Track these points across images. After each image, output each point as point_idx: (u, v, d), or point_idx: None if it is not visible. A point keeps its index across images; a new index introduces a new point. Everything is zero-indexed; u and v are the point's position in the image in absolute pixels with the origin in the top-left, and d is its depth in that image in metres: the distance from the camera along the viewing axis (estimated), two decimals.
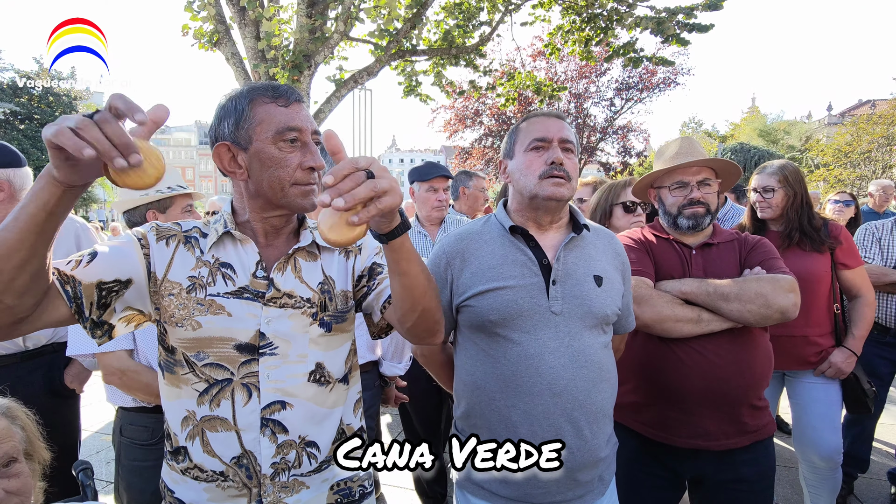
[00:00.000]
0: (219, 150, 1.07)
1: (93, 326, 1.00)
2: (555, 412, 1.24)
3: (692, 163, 1.74)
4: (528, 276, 1.30)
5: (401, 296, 1.01)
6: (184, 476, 1.10)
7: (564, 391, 1.25)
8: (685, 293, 1.62)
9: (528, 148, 1.35)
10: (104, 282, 0.99)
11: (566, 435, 1.25)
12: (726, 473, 1.64)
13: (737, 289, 1.56)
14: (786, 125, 32.91)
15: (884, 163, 20.71)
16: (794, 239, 2.29)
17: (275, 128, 1.03)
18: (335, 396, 1.16)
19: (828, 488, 2.32)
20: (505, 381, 1.27)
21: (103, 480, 3.21)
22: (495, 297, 1.28)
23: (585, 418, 1.27)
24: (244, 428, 1.06)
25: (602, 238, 1.44)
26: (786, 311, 1.54)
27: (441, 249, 1.39)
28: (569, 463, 1.24)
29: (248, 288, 1.09)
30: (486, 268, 1.32)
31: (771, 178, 2.37)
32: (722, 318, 1.58)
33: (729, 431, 1.61)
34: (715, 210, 1.76)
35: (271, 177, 1.05)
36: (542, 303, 1.28)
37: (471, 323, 1.33)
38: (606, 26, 8.12)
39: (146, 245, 1.08)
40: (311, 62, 6.88)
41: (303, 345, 1.11)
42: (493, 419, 1.30)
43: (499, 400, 1.28)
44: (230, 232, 1.11)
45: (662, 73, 23.87)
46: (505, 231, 1.37)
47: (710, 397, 1.59)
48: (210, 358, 1.06)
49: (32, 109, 26.98)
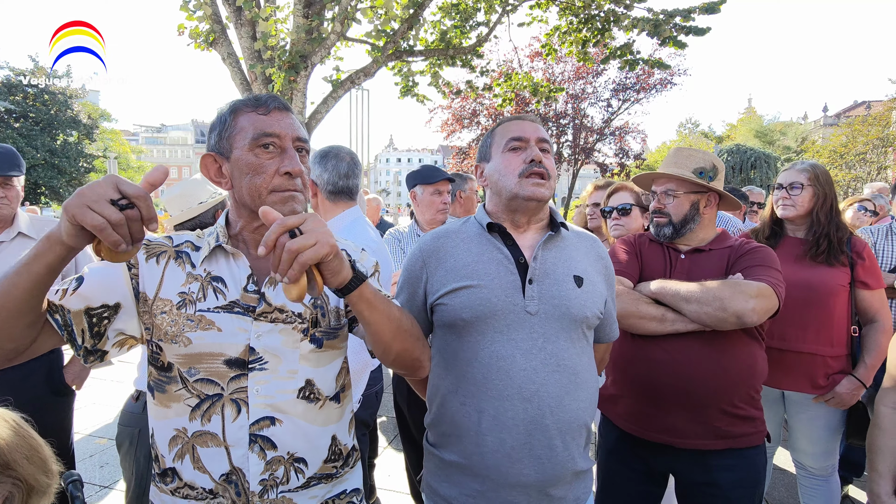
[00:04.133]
0: (205, 161, 1.11)
1: (86, 353, 1.02)
2: (524, 418, 1.19)
3: (654, 174, 1.84)
4: (504, 274, 1.26)
5: (371, 340, 1.07)
6: (173, 497, 1.09)
7: (535, 396, 1.19)
8: (653, 292, 1.69)
9: (505, 149, 1.34)
10: (92, 308, 1.00)
11: (536, 445, 1.20)
12: (699, 475, 1.66)
13: (699, 291, 1.59)
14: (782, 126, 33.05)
15: (879, 164, 20.82)
16: (821, 247, 2.11)
17: (252, 134, 1.05)
18: (326, 414, 1.14)
19: (822, 496, 2.25)
20: (475, 383, 1.23)
21: (96, 485, 3.19)
22: (468, 294, 1.24)
23: (556, 426, 1.21)
24: (233, 444, 1.05)
25: (584, 241, 1.41)
26: (742, 316, 1.51)
27: (418, 248, 1.38)
28: (539, 475, 1.21)
29: (238, 302, 1.08)
30: (460, 265, 1.29)
31: (800, 174, 2.20)
32: (687, 320, 1.61)
33: (698, 431, 1.63)
34: (682, 220, 1.77)
35: (250, 184, 1.05)
36: (518, 302, 1.24)
37: (443, 322, 1.30)
38: (603, 28, 8.13)
39: (135, 265, 1.07)
40: (308, 62, 6.85)
41: (293, 360, 1.09)
42: (461, 425, 1.25)
43: (468, 405, 1.24)
44: (222, 246, 1.10)
45: (659, 74, 23.89)
46: (483, 230, 1.34)
47: (676, 395, 1.63)
48: (201, 373, 1.05)
49: (27, 108, 26.82)
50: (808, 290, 2.10)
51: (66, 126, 28.51)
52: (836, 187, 15.58)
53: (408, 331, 1.10)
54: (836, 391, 2.09)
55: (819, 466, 2.22)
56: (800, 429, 2.24)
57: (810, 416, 2.19)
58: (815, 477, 2.25)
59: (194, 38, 7.10)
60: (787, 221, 2.30)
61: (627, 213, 2.41)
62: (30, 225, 2.31)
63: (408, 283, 1.37)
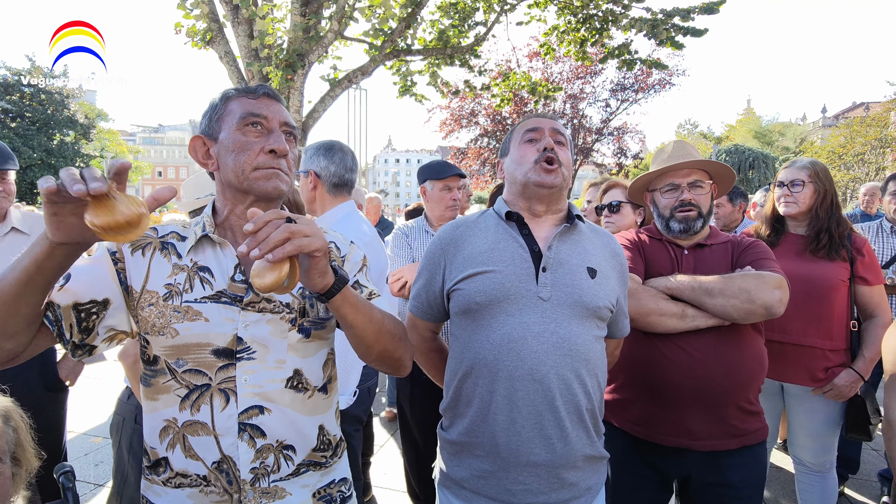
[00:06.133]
0: (194, 143, 1.13)
1: (74, 347, 1.02)
2: (536, 399, 1.21)
3: (682, 164, 1.73)
4: (518, 261, 1.29)
5: (353, 342, 1.08)
6: (165, 487, 1.08)
7: (545, 378, 1.21)
8: (670, 288, 1.63)
9: (521, 141, 1.40)
10: (80, 303, 1.00)
11: (547, 425, 1.22)
12: (712, 476, 1.63)
13: (721, 284, 1.55)
14: (781, 127, 33.15)
15: (877, 165, 20.88)
16: (821, 241, 2.13)
17: (240, 114, 1.07)
18: (313, 404, 1.14)
19: (820, 492, 2.25)
20: (487, 364, 1.25)
21: (91, 483, 3.17)
22: (483, 279, 1.27)
23: (567, 409, 1.23)
24: (222, 433, 1.05)
25: (601, 236, 1.43)
26: (770, 307, 1.51)
27: (438, 237, 1.42)
28: (550, 456, 1.22)
29: (225, 292, 1.07)
30: (476, 252, 1.33)
31: (801, 171, 2.22)
32: (707, 315, 1.57)
33: (715, 432, 1.60)
34: (708, 213, 1.74)
35: (235, 161, 1.06)
36: (531, 287, 1.26)
37: (459, 308, 1.32)
38: (601, 27, 8.14)
39: (120, 259, 1.07)
40: (305, 61, 6.85)
41: (281, 350, 1.09)
42: (473, 405, 1.27)
43: (481, 385, 1.26)
44: (208, 235, 1.10)
45: (658, 75, 23.96)
46: (500, 219, 1.39)
47: (694, 395, 1.58)
48: (189, 364, 1.05)
49: (24, 107, 26.76)
50: (808, 284, 2.10)
51: (62, 126, 28.44)
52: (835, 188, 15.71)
53: (390, 332, 1.11)
54: (835, 383, 2.10)
55: (817, 462, 2.22)
56: (798, 422, 2.25)
57: (809, 409, 2.20)
58: (814, 473, 2.25)
59: (191, 37, 7.09)
60: (788, 218, 2.31)
61: (617, 210, 2.41)
62: (22, 220, 2.30)
63: (427, 269, 1.42)
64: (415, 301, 1.45)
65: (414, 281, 1.46)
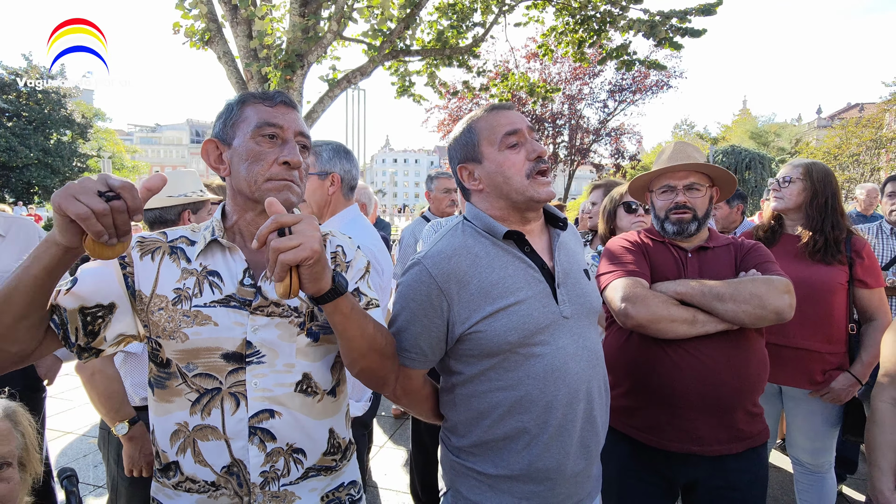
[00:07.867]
0: (206, 146, 1.12)
1: (80, 350, 1.02)
2: (580, 416, 1.23)
3: (677, 166, 1.72)
4: (534, 284, 1.20)
5: (341, 350, 1.09)
6: (176, 490, 1.09)
7: (587, 395, 1.23)
8: (680, 293, 1.60)
9: (501, 146, 1.22)
10: (86, 307, 1.00)
11: (587, 436, 1.25)
12: (718, 480, 1.62)
13: (732, 289, 1.54)
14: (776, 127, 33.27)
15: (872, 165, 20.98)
16: (816, 244, 2.12)
17: (255, 122, 1.07)
18: (323, 408, 1.15)
19: (818, 493, 2.25)
20: (532, 400, 1.18)
21: (90, 484, 3.17)
22: (509, 315, 1.15)
23: (600, 415, 1.28)
24: (233, 437, 1.05)
25: (570, 233, 1.40)
26: (781, 312, 1.51)
27: (426, 276, 1.18)
28: (587, 462, 1.26)
29: (235, 296, 1.07)
30: (488, 285, 1.17)
31: (794, 169, 2.24)
32: (717, 320, 1.56)
33: (722, 437, 1.59)
34: (704, 216, 1.73)
35: (248, 170, 1.06)
36: (554, 310, 1.21)
37: (481, 351, 1.18)
38: (600, 28, 8.16)
39: (129, 263, 1.07)
40: (304, 62, 6.84)
41: (290, 354, 1.09)
42: (521, 441, 1.20)
43: (527, 421, 1.18)
44: (218, 240, 1.10)
45: (655, 76, 24.02)
46: (494, 240, 1.23)
47: (703, 401, 1.57)
48: (199, 368, 1.05)
49: (21, 107, 26.63)
50: (806, 287, 2.09)
51: (59, 125, 28.31)
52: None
53: (379, 350, 1.09)
54: (832, 386, 2.10)
55: (816, 462, 2.23)
56: (797, 424, 2.25)
57: (808, 410, 2.20)
58: (813, 473, 2.26)
59: (190, 37, 7.08)
60: (785, 218, 2.33)
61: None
62: None
63: (418, 315, 1.18)
64: (409, 353, 1.21)
65: (396, 330, 1.22)
